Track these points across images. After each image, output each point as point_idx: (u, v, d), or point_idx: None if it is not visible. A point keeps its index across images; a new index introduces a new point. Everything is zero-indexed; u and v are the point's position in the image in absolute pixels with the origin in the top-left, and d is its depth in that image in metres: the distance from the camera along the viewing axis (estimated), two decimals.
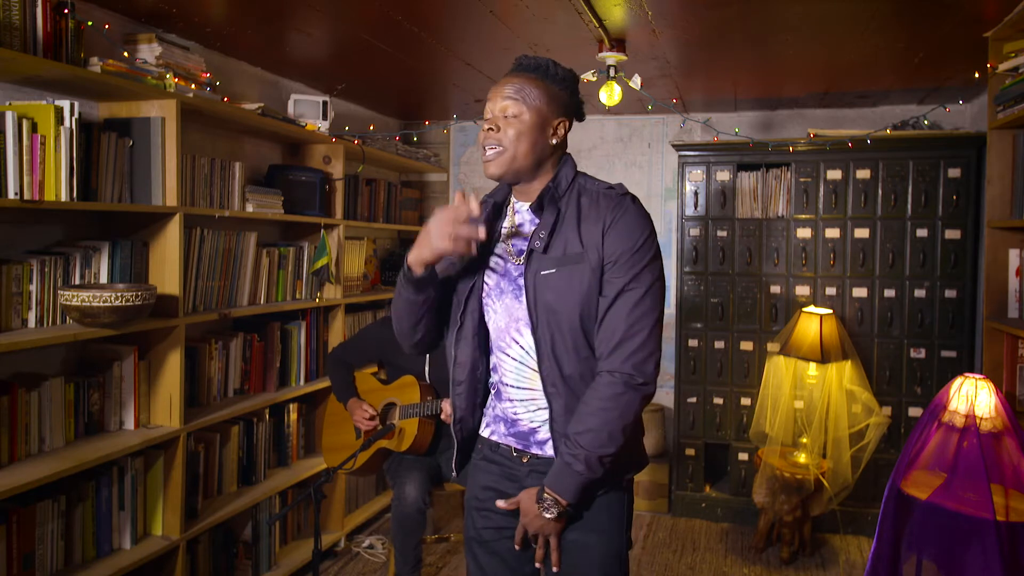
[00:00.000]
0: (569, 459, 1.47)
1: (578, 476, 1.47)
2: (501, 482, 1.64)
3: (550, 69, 1.59)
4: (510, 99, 1.54)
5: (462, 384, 1.66)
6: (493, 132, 1.55)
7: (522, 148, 1.54)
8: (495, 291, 1.61)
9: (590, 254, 1.51)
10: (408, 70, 3.38)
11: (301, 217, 3.31)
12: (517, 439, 1.62)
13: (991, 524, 2.04)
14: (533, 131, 1.54)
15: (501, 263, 1.61)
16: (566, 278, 1.51)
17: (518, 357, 1.58)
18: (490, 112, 1.57)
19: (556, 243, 1.53)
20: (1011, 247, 2.64)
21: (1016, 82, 2.47)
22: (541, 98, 1.55)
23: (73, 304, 2.19)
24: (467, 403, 1.68)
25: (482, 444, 1.70)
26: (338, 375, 3.08)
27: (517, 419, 1.61)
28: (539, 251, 1.53)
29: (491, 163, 1.55)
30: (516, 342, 1.58)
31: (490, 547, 1.66)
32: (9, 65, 2.09)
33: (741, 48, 2.97)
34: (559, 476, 1.49)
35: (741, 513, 3.91)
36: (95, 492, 2.39)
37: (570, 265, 1.51)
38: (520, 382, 1.59)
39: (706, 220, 3.91)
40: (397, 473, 2.88)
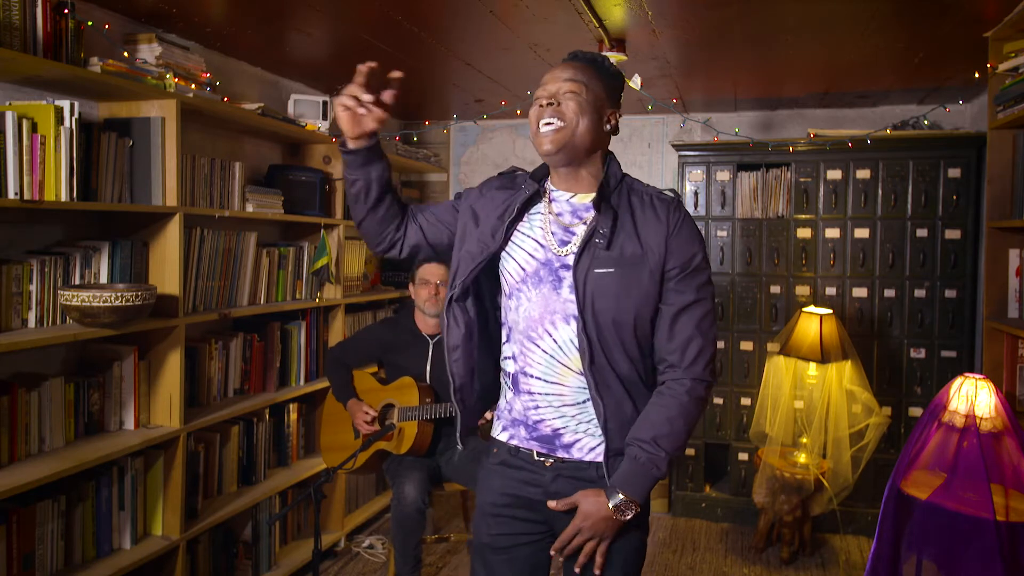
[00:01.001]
0: (650, 463, 1.47)
1: (655, 479, 1.48)
2: (523, 488, 1.60)
3: (605, 63, 1.59)
4: (571, 80, 1.52)
5: (458, 349, 1.62)
6: (552, 106, 1.50)
7: (583, 124, 1.51)
8: (532, 278, 1.56)
9: (650, 257, 1.50)
10: (408, 70, 3.38)
11: (301, 217, 3.32)
12: (540, 443, 1.57)
13: (991, 524, 2.04)
14: (593, 110, 1.52)
15: (541, 251, 1.57)
16: (624, 279, 1.49)
17: (549, 350, 1.54)
18: (545, 91, 1.53)
19: (615, 242, 1.51)
20: (1011, 247, 2.64)
21: (1016, 82, 2.47)
22: (599, 85, 1.55)
23: (73, 304, 2.19)
24: (465, 369, 1.64)
25: (499, 448, 1.66)
26: (337, 375, 3.09)
27: (540, 421, 1.57)
28: (600, 248, 1.50)
29: (547, 137, 1.51)
30: (549, 334, 1.54)
31: (505, 553, 1.62)
32: (9, 65, 2.09)
33: (741, 48, 2.97)
34: (636, 478, 1.48)
35: (741, 513, 3.91)
36: (95, 492, 2.39)
37: (629, 267, 1.50)
38: (548, 375, 1.55)
39: (706, 220, 3.90)
40: (396, 473, 2.88)
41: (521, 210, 1.60)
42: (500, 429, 1.66)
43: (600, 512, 1.48)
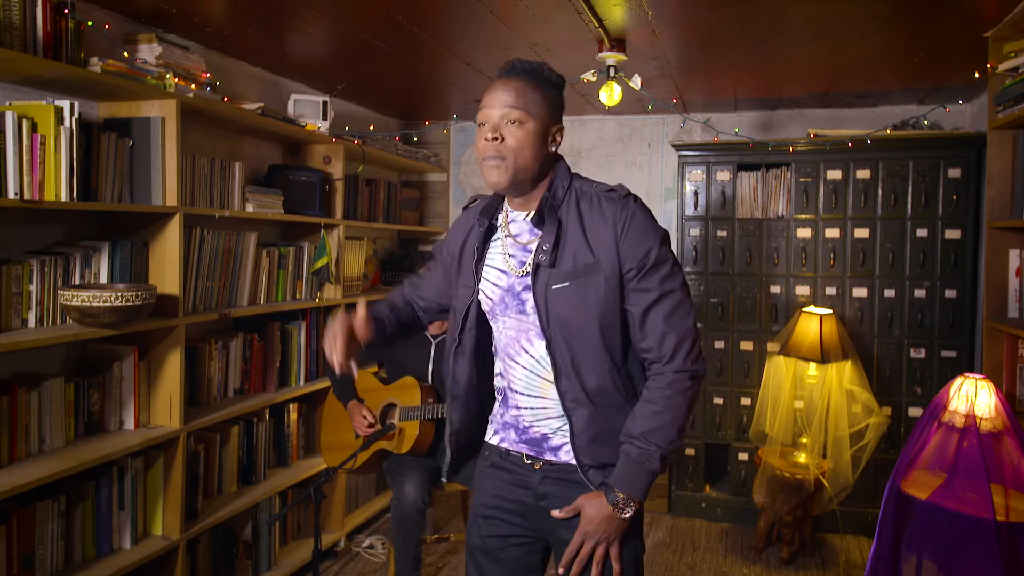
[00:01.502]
0: (642, 458, 1.46)
1: (651, 474, 1.47)
2: (512, 489, 1.61)
3: (545, 72, 1.55)
4: (512, 107, 1.49)
5: (458, 399, 1.66)
6: (496, 143, 1.49)
7: (525, 158, 1.50)
8: (499, 306, 1.59)
9: (604, 263, 1.48)
10: (408, 70, 3.38)
11: (301, 217, 3.31)
12: (529, 446, 1.59)
13: (991, 524, 2.04)
14: (537, 140, 1.50)
15: (503, 277, 1.58)
16: (580, 290, 1.48)
17: (528, 366, 1.56)
18: (487, 118, 1.51)
19: (564, 255, 1.50)
20: (1011, 247, 2.64)
21: (1016, 82, 2.47)
22: (541, 104, 1.52)
23: (73, 304, 2.19)
24: (462, 416, 1.68)
25: (490, 451, 1.67)
26: (337, 376, 3.08)
27: (528, 426, 1.59)
28: (546, 265, 1.50)
29: (492, 174, 1.51)
30: (526, 351, 1.56)
31: (495, 556, 1.63)
32: (9, 65, 2.09)
33: (741, 48, 2.97)
34: (631, 475, 1.47)
35: (741, 513, 3.91)
36: (95, 492, 2.39)
37: (583, 277, 1.48)
38: (530, 390, 1.57)
39: (706, 220, 3.91)
40: (397, 473, 2.88)
41: (482, 248, 1.62)
42: (492, 432, 1.68)
43: (602, 513, 1.48)
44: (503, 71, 1.56)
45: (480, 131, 1.53)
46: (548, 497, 1.57)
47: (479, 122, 1.53)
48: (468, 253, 1.64)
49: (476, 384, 1.67)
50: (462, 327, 1.62)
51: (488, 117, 1.51)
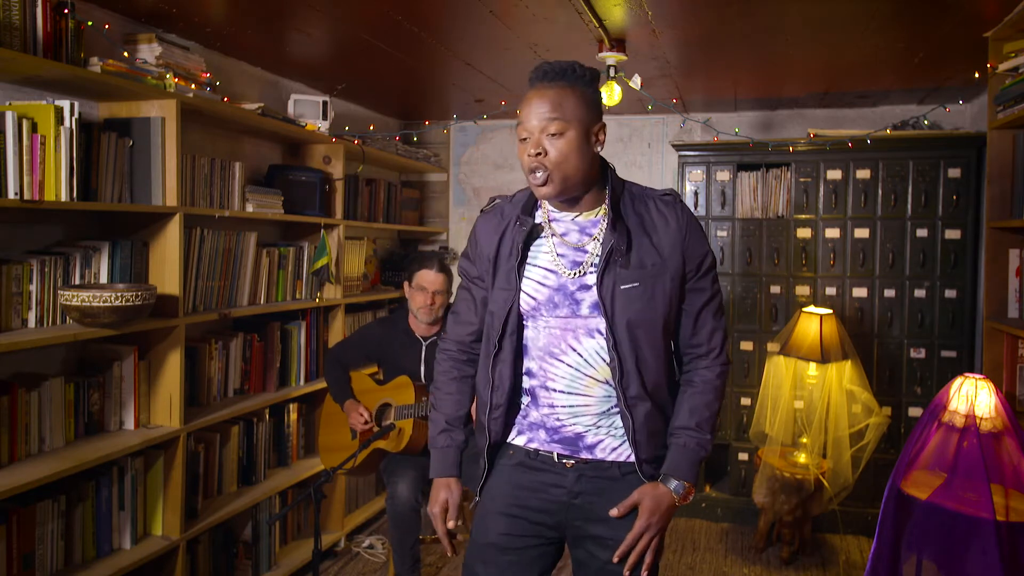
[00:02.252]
0: (697, 447, 1.55)
1: (702, 459, 1.57)
2: (543, 489, 1.59)
3: (577, 71, 1.51)
4: (550, 118, 1.46)
5: (500, 408, 1.61)
6: (540, 156, 1.46)
7: (573, 165, 1.48)
8: (546, 306, 1.56)
9: (670, 264, 1.53)
10: (408, 70, 3.38)
11: (301, 217, 3.31)
12: (563, 445, 1.57)
13: (991, 524, 2.04)
14: (580, 145, 1.48)
15: (552, 277, 1.56)
16: (649, 290, 1.51)
17: (575, 364, 1.55)
18: (527, 132, 1.49)
19: (633, 256, 1.52)
20: (1011, 247, 2.64)
21: (1016, 82, 2.47)
22: (579, 108, 1.48)
23: (73, 304, 2.19)
24: (503, 426, 1.63)
25: (515, 451, 1.64)
26: (334, 375, 3.08)
27: (561, 425, 1.57)
28: (621, 266, 1.50)
29: (543, 188, 1.48)
30: (574, 349, 1.55)
31: (515, 555, 1.61)
32: (9, 65, 2.09)
33: (741, 48, 2.97)
34: (688, 463, 1.55)
35: (741, 513, 3.91)
36: (95, 492, 2.39)
37: (651, 277, 1.52)
38: (573, 388, 1.55)
39: (706, 220, 3.90)
40: (391, 472, 2.89)
41: (524, 248, 1.58)
42: (516, 434, 1.65)
43: (665, 503, 1.54)
44: (535, 79, 1.52)
45: (522, 146, 1.51)
46: (583, 495, 1.57)
47: (519, 135, 1.51)
48: (506, 255, 1.60)
49: (516, 388, 1.63)
50: (502, 332, 1.58)
51: (528, 132, 1.49)
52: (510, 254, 1.59)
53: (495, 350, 1.60)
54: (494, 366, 1.60)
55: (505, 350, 1.59)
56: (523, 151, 1.50)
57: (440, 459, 1.70)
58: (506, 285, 1.59)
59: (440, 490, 1.69)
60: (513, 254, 1.58)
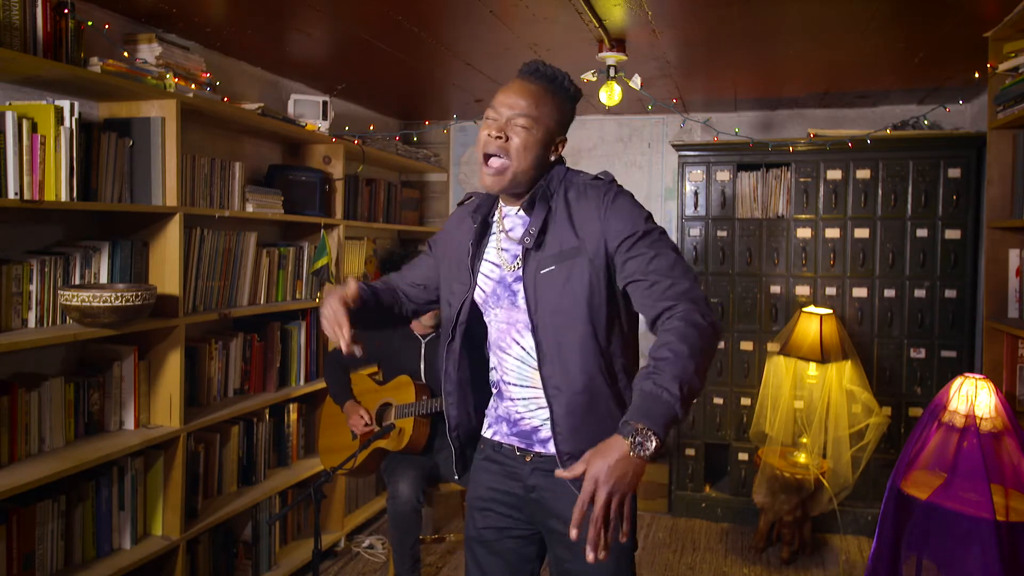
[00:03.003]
0: (657, 389, 1.27)
1: (668, 406, 1.25)
2: (504, 481, 1.64)
3: (565, 83, 1.56)
4: (523, 113, 1.50)
5: (452, 395, 1.68)
6: (500, 140, 1.50)
7: (526, 162, 1.51)
8: (491, 299, 1.61)
9: (587, 245, 1.49)
10: (408, 70, 3.38)
11: (301, 217, 3.31)
12: (520, 438, 1.62)
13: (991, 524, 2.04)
14: (539, 147, 1.52)
15: (496, 270, 1.61)
16: (566, 273, 1.50)
17: (519, 357, 1.59)
18: (496, 113, 1.52)
19: (551, 240, 1.52)
20: (1011, 247, 2.64)
21: (1016, 82, 2.47)
22: (553, 115, 1.53)
23: (73, 304, 2.19)
24: (459, 411, 1.69)
25: (484, 444, 1.71)
26: (334, 377, 3.09)
27: (520, 418, 1.61)
28: (533, 249, 1.52)
29: (491, 177, 1.52)
30: (516, 343, 1.59)
31: (491, 547, 1.66)
32: (9, 65, 2.09)
33: (741, 48, 2.97)
34: (646, 405, 1.26)
35: (741, 513, 3.91)
36: (95, 492, 2.39)
37: (568, 259, 1.50)
38: (522, 380, 1.59)
39: (706, 220, 3.91)
40: (392, 472, 2.89)
41: (477, 244, 1.63)
42: (486, 426, 1.71)
43: (613, 453, 1.23)
44: (525, 71, 1.57)
45: (485, 124, 1.54)
46: (538, 489, 1.59)
47: (487, 116, 1.55)
48: (463, 250, 1.65)
49: (470, 378, 1.69)
50: (455, 322, 1.64)
51: (498, 114, 1.52)
52: (466, 250, 1.64)
53: (448, 339, 1.66)
54: (447, 354, 1.66)
55: (456, 340, 1.65)
56: (485, 130, 1.53)
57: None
58: (462, 279, 1.64)
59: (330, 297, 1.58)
60: (468, 250, 1.63)
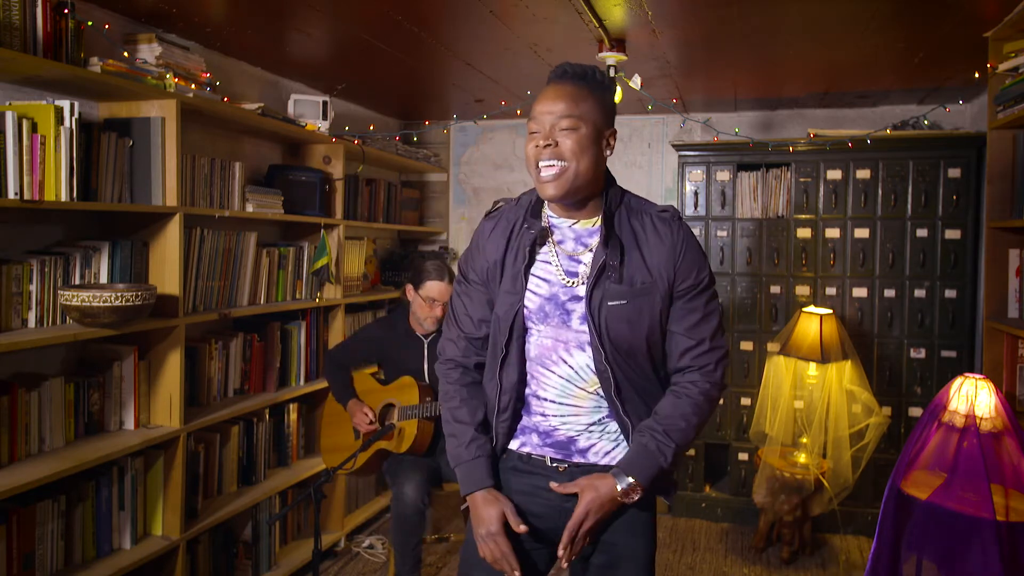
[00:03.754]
0: (657, 452, 1.49)
1: (660, 467, 1.49)
2: (537, 492, 1.59)
3: (596, 76, 1.53)
4: (566, 116, 1.46)
5: (507, 411, 1.59)
6: (550, 147, 1.45)
7: (584, 163, 1.46)
8: (536, 314, 1.55)
9: (659, 283, 1.51)
10: (408, 70, 3.38)
11: (301, 217, 3.31)
12: (556, 449, 1.57)
13: (991, 524, 2.04)
14: (591, 144, 1.48)
15: (544, 285, 1.55)
16: (637, 308, 1.49)
17: (565, 376, 1.55)
18: (538, 125, 1.48)
19: (623, 272, 1.50)
20: (1011, 247, 2.64)
21: (1016, 82, 2.47)
22: (595, 110, 1.49)
23: (73, 304, 2.19)
24: (509, 429, 1.61)
25: (508, 455, 1.64)
26: (336, 376, 3.08)
27: (553, 429, 1.57)
28: (613, 281, 1.49)
29: (551, 183, 1.46)
30: (564, 361, 1.54)
31: None
32: (9, 65, 2.09)
33: (741, 48, 2.97)
34: (644, 463, 1.49)
35: (741, 513, 3.91)
36: (95, 492, 2.39)
37: (640, 296, 1.50)
38: (563, 398, 1.56)
39: (706, 220, 3.91)
40: (396, 473, 2.88)
41: (531, 252, 1.56)
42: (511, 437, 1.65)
43: (605, 495, 1.49)
44: (555, 76, 1.53)
45: (531, 139, 1.49)
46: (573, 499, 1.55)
47: (530, 130, 1.50)
48: (512, 259, 1.58)
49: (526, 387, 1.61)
50: (509, 336, 1.56)
51: (540, 125, 1.48)
52: (516, 258, 1.57)
53: (503, 354, 1.57)
54: (502, 369, 1.58)
55: (512, 354, 1.57)
56: (531, 143, 1.49)
57: (474, 471, 1.57)
58: (512, 289, 1.56)
59: (487, 507, 1.53)
60: (520, 258, 1.56)
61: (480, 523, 1.53)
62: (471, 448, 1.58)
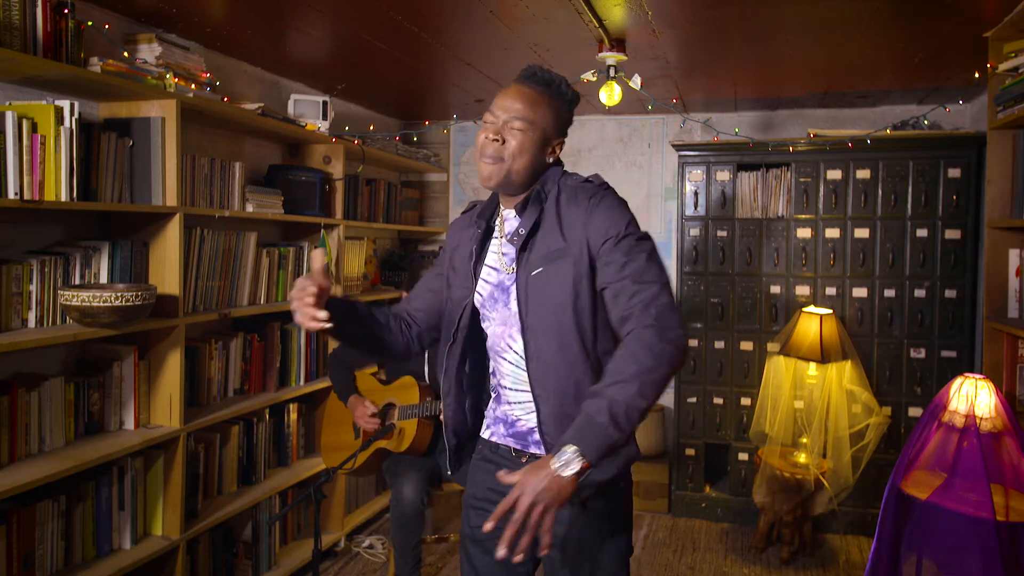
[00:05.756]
0: (596, 412, 1.30)
1: (601, 429, 1.29)
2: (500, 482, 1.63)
3: (562, 88, 1.59)
4: (519, 116, 1.53)
5: (450, 395, 1.70)
6: (496, 143, 1.54)
7: (520, 163, 1.54)
8: (488, 301, 1.64)
9: (572, 247, 1.51)
10: (408, 70, 3.38)
11: (301, 217, 3.31)
12: (516, 439, 1.64)
13: (991, 524, 2.04)
14: (535, 149, 1.55)
15: (494, 274, 1.64)
16: (552, 275, 1.52)
17: (513, 361, 1.61)
18: (493, 117, 1.56)
19: (540, 242, 1.55)
20: (1011, 247, 2.64)
21: (1016, 82, 2.47)
22: (548, 118, 1.56)
23: (73, 304, 2.19)
24: (454, 411, 1.71)
25: (482, 445, 1.73)
26: (339, 374, 3.08)
27: (515, 419, 1.64)
28: (521, 250, 1.55)
29: (483, 172, 1.56)
30: (511, 347, 1.61)
31: (485, 546, 1.66)
32: (9, 65, 2.09)
33: (741, 48, 2.97)
34: (580, 430, 1.30)
35: (741, 513, 3.91)
36: (95, 492, 2.39)
37: (555, 261, 1.52)
38: (517, 385, 1.62)
39: (706, 220, 3.91)
40: (395, 473, 2.88)
41: (480, 248, 1.65)
42: (485, 427, 1.73)
43: (541, 471, 1.28)
44: (522, 76, 1.60)
45: (484, 127, 1.58)
46: None
47: (485, 119, 1.58)
48: (465, 255, 1.68)
49: (468, 380, 1.72)
50: (457, 324, 1.66)
51: (494, 118, 1.56)
52: (469, 254, 1.66)
53: (450, 341, 1.68)
54: (448, 356, 1.68)
55: (457, 342, 1.67)
56: (482, 133, 1.57)
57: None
58: (463, 283, 1.67)
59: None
60: (471, 254, 1.65)
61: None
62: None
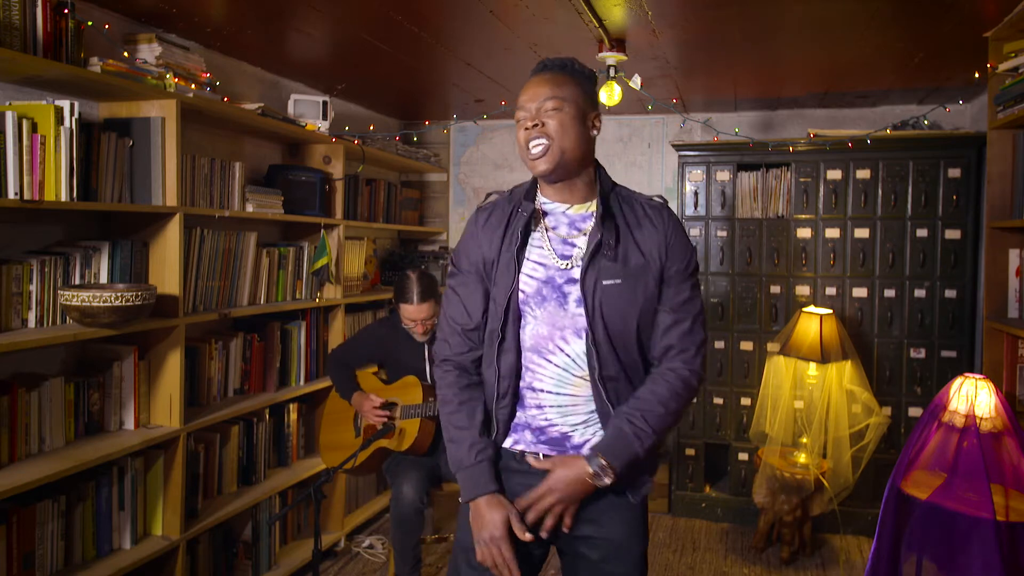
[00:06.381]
0: (633, 436, 1.48)
1: (635, 453, 1.48)
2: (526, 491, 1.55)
3: (575, 66, 1.60)
4: (550, 97, 1.53)
5: (506, 396, 1.58)
6: (537, 128, 1.52)
7: (568, 140, 1.52)
8: (534, 298, 1.56)
9: (652, 266, 1.55)
10: (408, 70, 3.38)
11: (301, 217, 3.31)
12: (549, 446, 1.56)
13: (991, 524, 2.04)
14: (576, 123, 1.54)
15: (540, 269, 1.57)
16: (631, 289, 1.53)
17: (562, 364, 1.55)
18: (525, 111, 1.56)
19: (617, 251, 1.54)
20: (1011, 247, 2.64)
21: (1016, 82, 2.47)
22: (577, 92, 1.56)
23: (73, 304, 2.19)
24: (508, 416, 1.60)
25: (502, 455, 1.62)
26: (340, 374, 3.08)
27: (548, 425, 1.56)
28: (607, 259, 1.52)
29: (540, 159, 1.52)
30: (561, 350, 1.54)
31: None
32: (9, 65, 2.09)
33: (741, 48, 2.97)
34: (618, 447, 1.48)
35: (741, 513, 3.91)
36: (95, 492, 2.39)
37: (634, 276, 1.53)
38: (560, 388, 1.55)
39: (706, 220, 3.91)
40: (395, 473, 2.88)
41: (525, 235, 1.59)
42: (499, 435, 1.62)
43: (573, 474, 1.48)
44: (536, 69, 1.61)
45: (520, 126, 1.56)
46: None
47: (518, 119, 1.57)
48: (507, 244, 1.59)
49: (520, 379, 1.59)
50: (505, 320, 1.56)
51: (527, 111, 1.55)
52: (510, 243, 1.59)
53: (499, 339, 1.57)
54: (500, 355, 1.58)
55: (509, 339, 1.57)
56: (521, 130, 1.56)
57: (477, 476, 1.54)
58: (507, 272, 1.57)
59: (491, 511, 1.50)
60: (513, 241, 1.58)
61: (483, 527, 1.51)
62: (471, 453, 1.55)
